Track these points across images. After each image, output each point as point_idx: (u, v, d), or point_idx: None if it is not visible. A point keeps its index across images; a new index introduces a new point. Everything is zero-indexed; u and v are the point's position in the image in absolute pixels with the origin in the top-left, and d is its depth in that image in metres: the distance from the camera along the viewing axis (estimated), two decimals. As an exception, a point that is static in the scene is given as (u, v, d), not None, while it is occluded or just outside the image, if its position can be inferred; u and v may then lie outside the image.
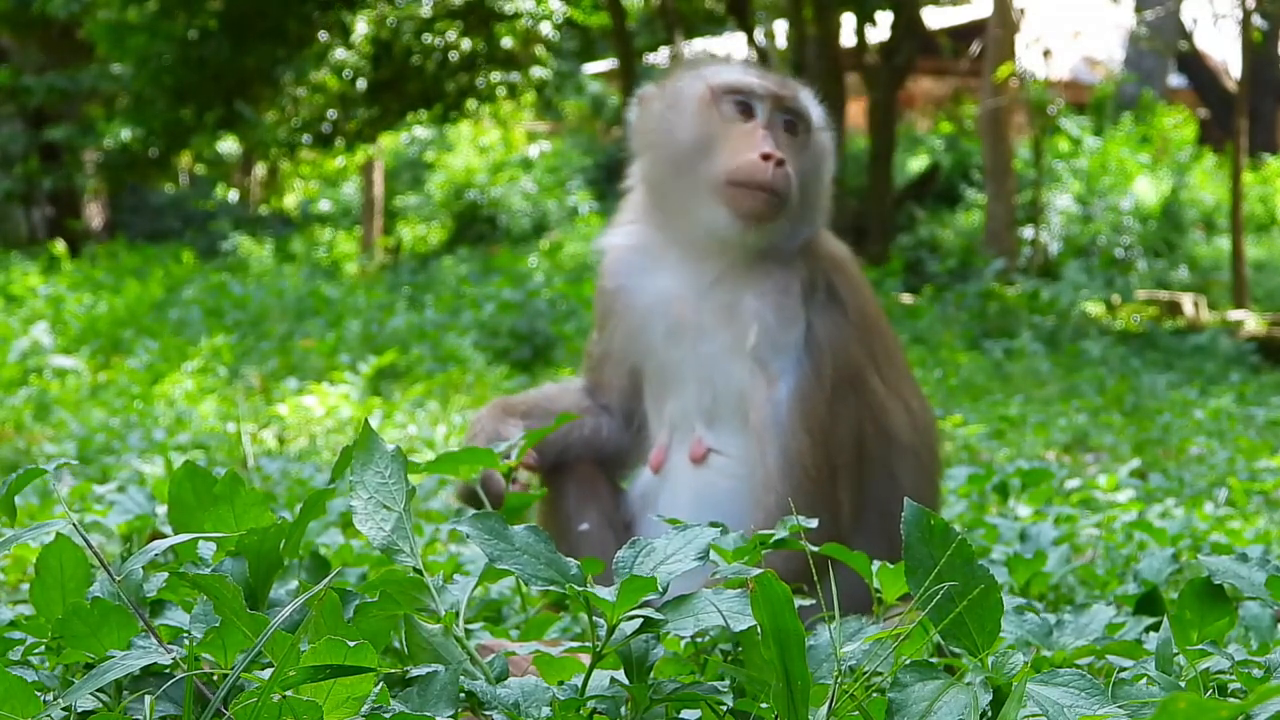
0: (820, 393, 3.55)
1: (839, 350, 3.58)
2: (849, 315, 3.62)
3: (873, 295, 3.78)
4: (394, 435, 8.25)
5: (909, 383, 3.75)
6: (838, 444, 3.55)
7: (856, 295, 3.67)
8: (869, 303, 3.71)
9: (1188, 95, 29.86)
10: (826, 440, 3.53)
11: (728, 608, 2.02)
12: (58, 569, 2.23)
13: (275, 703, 1.82)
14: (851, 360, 3.59)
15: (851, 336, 3.61)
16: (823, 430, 3.53)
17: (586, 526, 3.70)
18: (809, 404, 3.54)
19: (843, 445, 3.55)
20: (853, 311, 3.63)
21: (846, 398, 3.57)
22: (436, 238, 27.27)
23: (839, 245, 3.75)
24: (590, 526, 3.71)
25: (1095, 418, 9.98)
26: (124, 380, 10.51)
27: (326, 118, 21.57)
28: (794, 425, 3.53)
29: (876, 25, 21.02)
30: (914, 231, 23.25)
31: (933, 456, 3.73)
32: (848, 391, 3.57)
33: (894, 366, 3.72)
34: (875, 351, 3.66)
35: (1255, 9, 19.60)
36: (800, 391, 3.55)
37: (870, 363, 3.63)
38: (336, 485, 2.37)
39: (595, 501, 3.76)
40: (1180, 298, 18.64)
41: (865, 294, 3.71)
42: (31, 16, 21.43)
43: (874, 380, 3.62)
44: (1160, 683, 2.14)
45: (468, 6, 21.07)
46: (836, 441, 3.54)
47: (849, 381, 3.58)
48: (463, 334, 13.30)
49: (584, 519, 3.72)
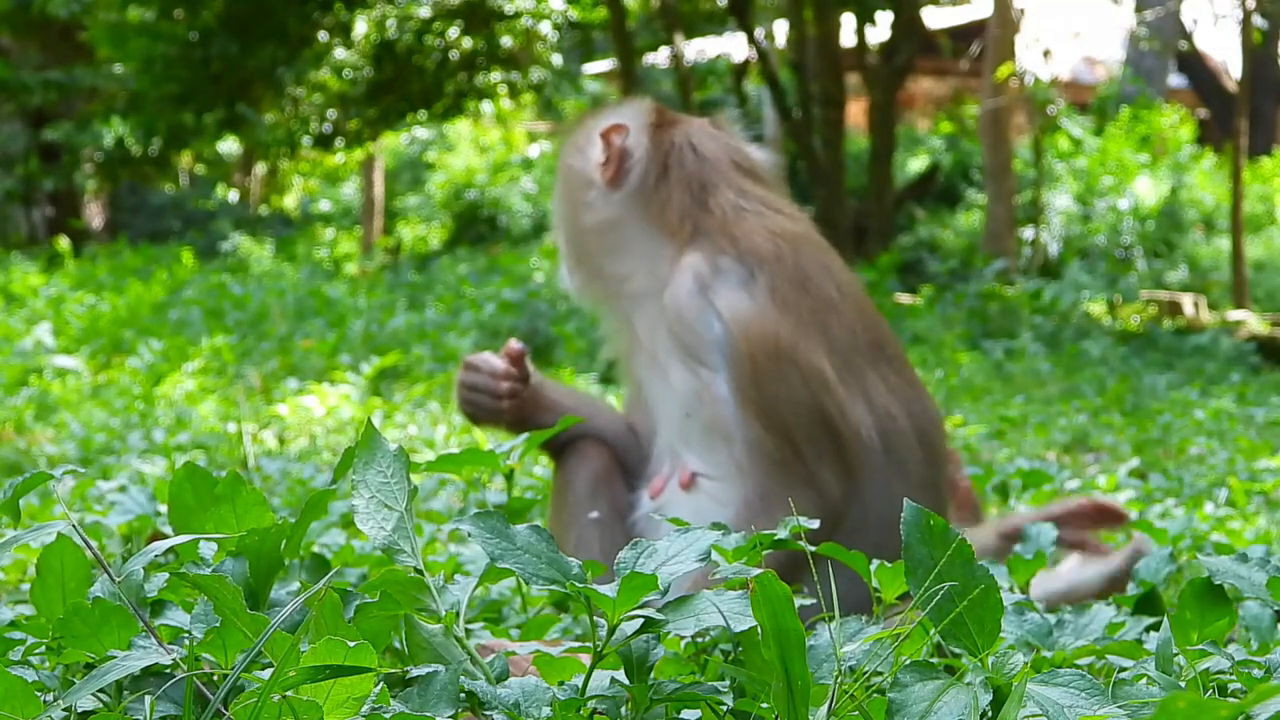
0: (751, 377, 3.50)
1: (755, 331, 3.50)
2: (765, 294, 3.53)
3: (825, 277, 3.64)
4: (394, 435, 8.25)
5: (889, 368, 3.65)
6: (789, 422, 3.50)
7: (775, 274, 3.56)
8: (808, 281, 3.59)
9: (1188, 95, 29.86)
10: (776, 422, 3.49)
11: (728, 608, 2.03)
12: (58, 569, 2.23)
13: (275, 703, 1.82)
14: (775, 337, 3.51)
15: (771, 315, 3.52)
16: (768, 413, 3.49)
17: (597, 515, 3.69)
18: (745, 392, 3.50)
19: (797, 422, 3.50)
20: (769, 290, 3.54)
21: (783, 375, 3.51)
22: (437, 238, 27.27)
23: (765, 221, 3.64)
24: (601, 515, 3.70)
25: (1095, 418, 9.98)
26: (125, 380, 10.51)
27: (326, 118, 21.58)
28: (743, 417, 3.51)
29: (876, 25, 21.03)
30: (914, 231, 23.25)
31: (927, 444, 3.68)
32: (783, 369, 3.51)
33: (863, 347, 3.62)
34: (809, 325, 3.55)
35: (1255, 9, 19.59)
36: (733, 383, 3.51)
37: (807, 338, 3.53)
38: (338, 486, 2.37)
39: (608, 490, 3.74)
40: (1180, 298, 18.64)
41: (792, 273, 3.58)
42: (31, 16, 21.44)
43: (816, 358, 3.52)
44: (1160, 683, 2.14)
45: (468, 6, 21.08)
46: (786, 420, 3.50)
47: (779, 359, 3.50)
48: (463, 334, 13.30)
49: (595, 507, 3.71)
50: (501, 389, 3.73)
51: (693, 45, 25.14)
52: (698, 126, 3.76)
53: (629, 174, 3.67)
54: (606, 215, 3.70)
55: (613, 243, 3.71)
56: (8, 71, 22.27)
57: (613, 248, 3.71)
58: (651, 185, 3.66)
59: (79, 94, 22.82)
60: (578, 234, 3.76)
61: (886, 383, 3.62)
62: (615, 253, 3.71)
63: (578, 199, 3.74)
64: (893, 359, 3.68)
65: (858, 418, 3.55)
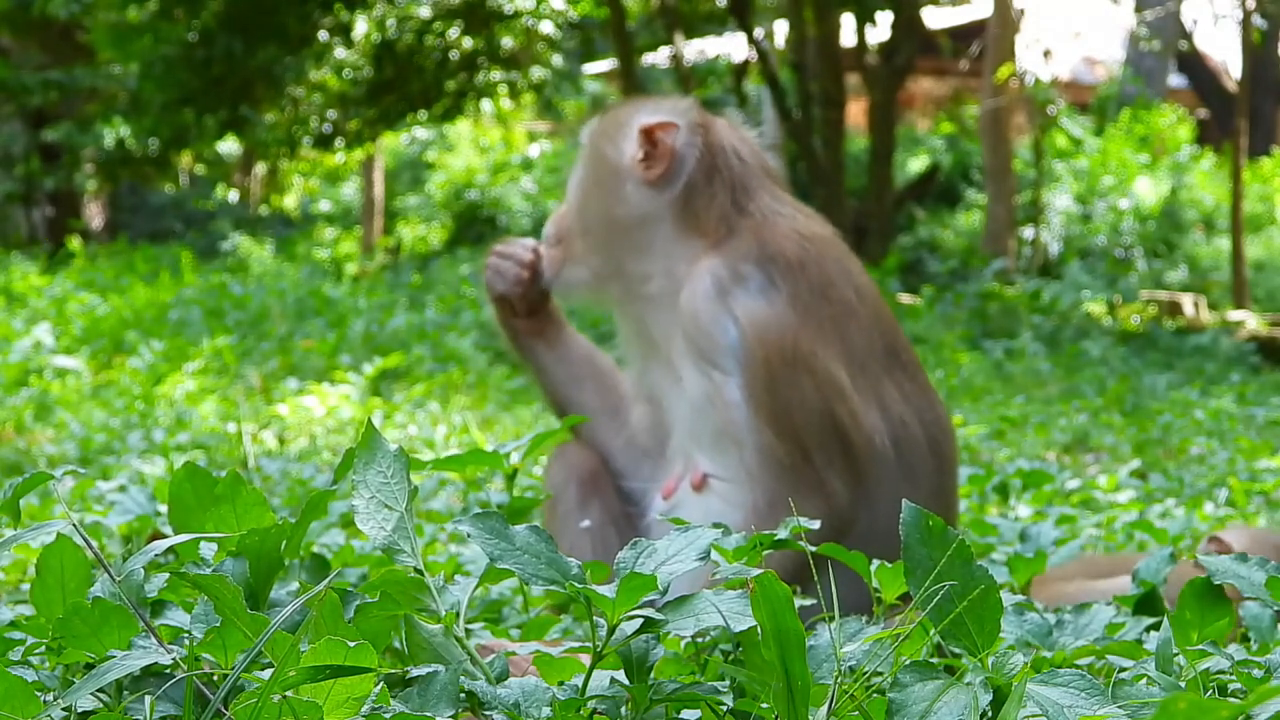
0: (765, 383, 3.49)
1: (773, 337, 3.49)
2: (786, 300, 3.52)
3: (846, 282, 3.62)
4: (395, 435, 8.25)
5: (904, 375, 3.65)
6: (801, 429, 3.49)
7: (799, 280, 3.55)
8: (830, 287, 3.58)
9: (1188, 95, 29.85)
10: (787, 428, 3.49)
11: (728, 608, 2.03)
12: (58, 569, 2.23)
13: (275, 703, 1.82)
14: (794, 344, 3.50)
15: (790, 321, 3.50)
16: (780, 419, 3.48)
17: (588, 524, 3.70)
18: (758, 398, 3.49)
19: (808, 429, 3.49)
20: (790, 297, 3.53)
21: (797, 382, 3.50)
22: (437, 238, 27.27)
23: (797, 225, 3.63)
24: (592, 524, 3.70)
25: (1096, 418, 9.98)
26: (125, 380, 10.51)
27: (326, 118, 21.57)
28: (754, 422, 3.50)
29: (876, 25, 21.01)
30: (914, 232, 23.24)
31: (939, 452, 3.67)
32: (797, 376, 3.50)
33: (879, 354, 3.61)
34: (828, 331, 3.55)
35: (1255, 9, 19.60)
36: (747, 388, 3.50)
37: (825, 345, 3.53)
38: (338, 486, 2.37)
39: (599, 498, 3.75)
40: (1180, 298, 18.63)
41: (815, 279, 3.57)
42: (31, 17, 21.44)
43: (832, 365, 3.52)
44: (1160, 683, 2.14)
45: (468, 6, 21.07)
46: (798, 426, 3.49)
47: (795, 365, 3.50)
48: (463, 334, 13.30)
49: (586, 516, 3.72)
50: (527, 258, 3.82)
51: (693, 45, 25.13)
52: (728, 127, 3.73)
53: (676, 174, 3.62)
54: (641, 211, 3.64)
55: (639, 240, 3.65)
56: (8, 72, 22.27)
57: (639, 245, 3.65)
58: (696, 187, 3.62)
59: (79, 94, 22.82)
60: (604, 226, 3.71)
61: (901, 390, 3.62)
62: (640, 251, 3.65)
63: (609, 190, 3.69)
64: (907, 365, 3.67)
65: (871, 426, 3.54)
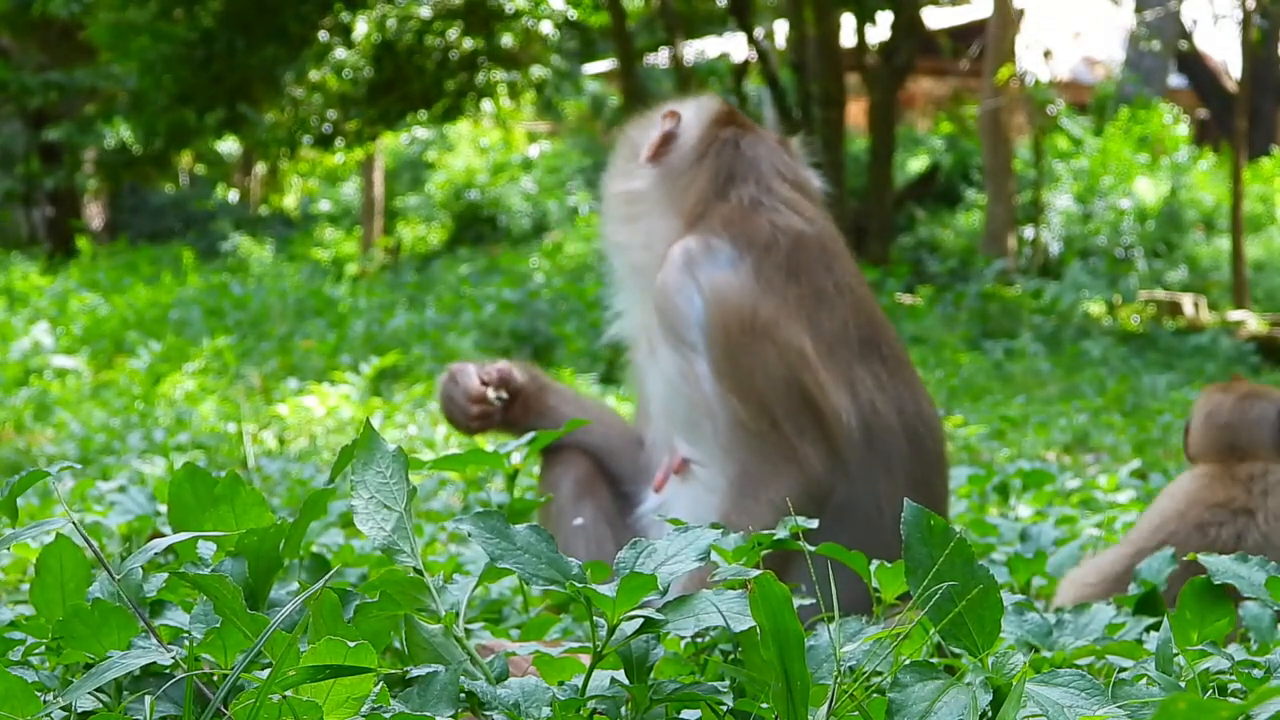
0: (725, 350, 3.55)
1: (733, 305, 3.56)
2: (749, 271, 3.59)
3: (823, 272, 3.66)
4: (394, 435, 8.25)
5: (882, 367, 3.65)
6: (766, 395, 3.52)
7: (764, 259, 3.62)
8: (802, 273, 3.63)
9: (1188, 95, 29.85)
10: (752, 396, 3.52)
11: (728, 608, 2.02)
12: (58, 569, 2.23)
13: (275, 703, 1.82)
14: (753, 312, 3.56)
15: (751, 289, 3.57)
16: (743, 387, 3.53)
17: (581, 521, 3.72)
18: (721, 366, 3.56)
19: (774, 395, 3.52)
20: (754, 270, 3.60)
21: (759, 350, 3.54)
22: (436, 238, 27.27)
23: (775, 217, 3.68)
24: (585, 521, 3.72)
25: (1096, 418, 9.97)
26: (125, 380, 10.51)
27: (326, 118, 21.57)
28: (720, 393, 3.56)
29: (876, 25, 21.02)
30: (914, 232, 23.25)
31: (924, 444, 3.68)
32: (758, 343, 3.54)
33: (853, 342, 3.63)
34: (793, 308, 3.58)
35: (1255, 9, 19.59)
36: (711, 359, 3.57)
37: (789, 319, 3.57)
38: (337, 485, 2.37)
39: (592, 497, 3.77)
40: (1180, 298, 18.64)
41: (784, 261, 3.63)
42: (32, 17, 21.44)
43: (796, 337, 3.55)
44: (1160, 683, 2.14)
45: (468, 6, 21.07)
46: (763, 393, 3.53)
47: (754, 333, 3.55)
48: (463, 334, 13.30)
49: (579, 513, 3.74)
50: (471, 411, 3.80)
51: (693, 46, 25.13)
52: (759, 135, 3.82)
53: (668, 154, 3.79)
54: (634, 186, 3.85)
55: (628, 212, 3.86)
56: (8, 72, 22.26)
57: (627, 216, 3.87)
58: (683, 169, 3.77)
59: (79, 94, 22.82)
60: (608, 198, 3.95)
61: (877, 379, 3.63)
62: (627, 221, 3.86)
63: (619, 167, 3.92)
64: (888, 359, 3.68)
65: (838, 400, 3.56)
